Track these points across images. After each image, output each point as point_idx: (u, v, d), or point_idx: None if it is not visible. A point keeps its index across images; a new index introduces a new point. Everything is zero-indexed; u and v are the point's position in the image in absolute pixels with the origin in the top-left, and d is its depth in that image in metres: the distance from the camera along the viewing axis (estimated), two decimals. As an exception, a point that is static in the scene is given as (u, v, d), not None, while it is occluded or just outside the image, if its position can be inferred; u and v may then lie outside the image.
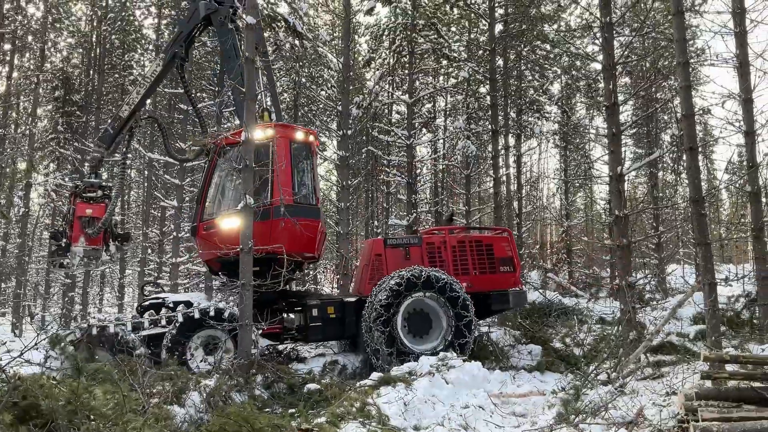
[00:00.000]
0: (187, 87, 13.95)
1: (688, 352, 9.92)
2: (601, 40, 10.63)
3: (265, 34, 20.27)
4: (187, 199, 20.99)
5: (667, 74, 20.17)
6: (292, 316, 11.29)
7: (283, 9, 20.49)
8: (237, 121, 13.06)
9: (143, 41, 27.51)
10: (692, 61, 15.30)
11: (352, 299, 11.45)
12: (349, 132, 17.81)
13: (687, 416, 5.01)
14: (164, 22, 24.20)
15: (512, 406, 8.30)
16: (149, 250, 26.30)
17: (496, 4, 20.75)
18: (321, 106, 27.49)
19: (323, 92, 27.97)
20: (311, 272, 29.58)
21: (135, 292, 32.73)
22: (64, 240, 11.46)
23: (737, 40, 11.53)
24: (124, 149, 13.05)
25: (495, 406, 7.98)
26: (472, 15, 22.62)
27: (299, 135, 11.92)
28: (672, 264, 27.29)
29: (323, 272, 35.38)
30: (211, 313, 10.09)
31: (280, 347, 12.31)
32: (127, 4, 25.69)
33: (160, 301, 10.96)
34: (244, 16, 10.10)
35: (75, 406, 4.87)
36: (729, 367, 5.42)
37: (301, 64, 25.02)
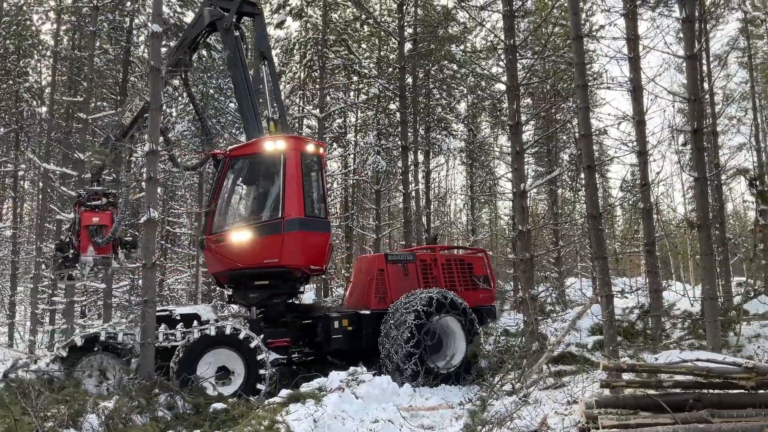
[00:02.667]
0: (191, 94, 13.71)
1: (587, 362, 10.32)
2: (505, 61, 10.95)
3: (171, 43, 19.81)
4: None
5: (566, 96, 21.09)
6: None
7: (190, 18, 20.08)
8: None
9: (40, 47, 26.16)
10: (590, 83, 16.08)
11: (367, 312, 11.45)
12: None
13: (588, 424, 5.22)
14: (63, 27, 23.13)
15: (421, 419, 8.38)
16: (43, 266, 24.89)
17: (406, 24, 21.18)
18: (230, 118, 26.98)
19: (232, 104, 27.51)
20: (217, 288, 28.87)
21: (27, 310, 30.82)
22: (72, 251, 10.95)
23: (631, 65, 12.13)
24: (128, 157, 12.52)
25: (404, 420, 8.02)
26: (382, 33, 22.97)
27: (310, 147, 11.80)
28: (571, 277, 28.37)
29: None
30: (223, 333, 9.67)
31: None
32: (24, 8, 24.39)
33: (167, 313, 10.63)
34: (150, 25, 9.83)
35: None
36: (626, 376, 5.68)
37: (209, 75, 24.53)
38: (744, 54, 24.39)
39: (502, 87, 21.31)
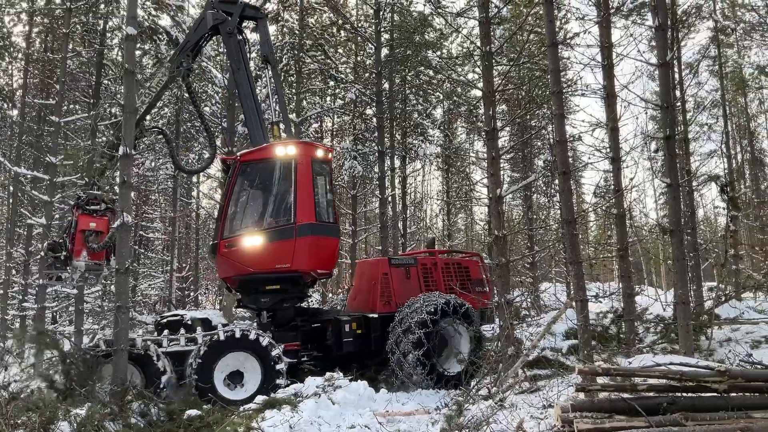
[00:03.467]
0: (193, 97, 13.64)
1: (562, 366, 10.40)
2: (481, 68, 11.02)
3: (146, 46, 19.65)
4: (57, 216, 19.73)
5: (541, 103, 21.28)
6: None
7: (165, 22, 19.95)
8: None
9: (12, 49, 25.72)
10: (565, 90, 16.25)
11: (375, 315, 11.63)
12: (235, 149, 17.49)
13: (563, 428, 5.25)
14: (36, 29, 22.76)
15: (398, 424, 8.36)
16: (14, 271, 24.44)
17: (382, 29, 21.22)
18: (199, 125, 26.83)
19: (207, 108, 27.30)
20: (191, 293, 28.62)
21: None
22: (64, 253, 10.77)
23: (605, 72, 12.26)
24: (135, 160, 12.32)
25: (381, 425, 8.01)
26: (359, 38, 22.98)
27: (320, 153, 11.90)
28: (545, 282, 28.60)
29: (205, 294, 34.31)
30: (238, 336, 9.97)
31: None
32: (-6, 9, 24.00)
33: (178, 318, 10.88)
34: (124, 27, 9.74)
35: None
36: (600, 380, 5.73)
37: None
38: (715, 63, 24.84)
39: (478, 93, 21.47)
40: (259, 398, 8.86)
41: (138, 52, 19.31)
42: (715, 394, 5.37)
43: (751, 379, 5.51)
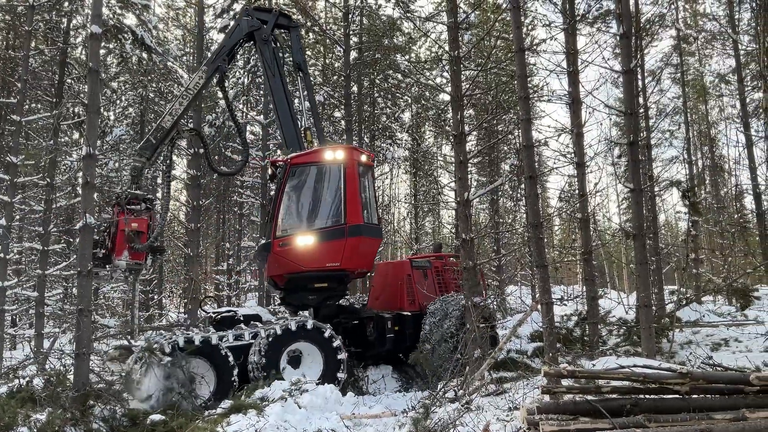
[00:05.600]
0: (228, 100, 14.03)
1: (528, 368, 10.49)
2: (449, 72, 11.10)
3: (110, 45, 19.33)
4: (17, 218, 19.28)
5: (508, 108, 21.50)
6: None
7: (131, 21, 19.63)
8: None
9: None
10: (531, 96, 16.43)
11: (408, 314, 12.36)
12: (201, 151, 17.31)
13: (529, 430, 5.29)
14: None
15: (364, 428, 8.35)
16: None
17: (351, 32, 21.21)
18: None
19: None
20: (155, 296, 28.23)
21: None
22: (102, 251, 10.82)
23: (570, 78, 12.45)
24: (168, 161, 12.71)
25: (347, 429, 7.99)
26: (328, 41, 22.94)
27: (363, 157, 12.48)
28: (511, 285, 28.85)
29: (169, 296, 33.85)
30: (303, 328, 10.42)
31: None
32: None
33: (231, 314, 11.38)
34: (88, 26, 9.57)
35: None
36: (565, 382, 5.79)
37: (149, 78, 24.01)
38: (677, 70, 25.38)
39: (447, 97, 21.60)
40: (226, 402, 8.77)
41: (102, 51, 18.99)
42: (677, 395, 5.46)
43: (712, 381, 5.61)
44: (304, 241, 11.55)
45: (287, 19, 13.61)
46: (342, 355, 10.56)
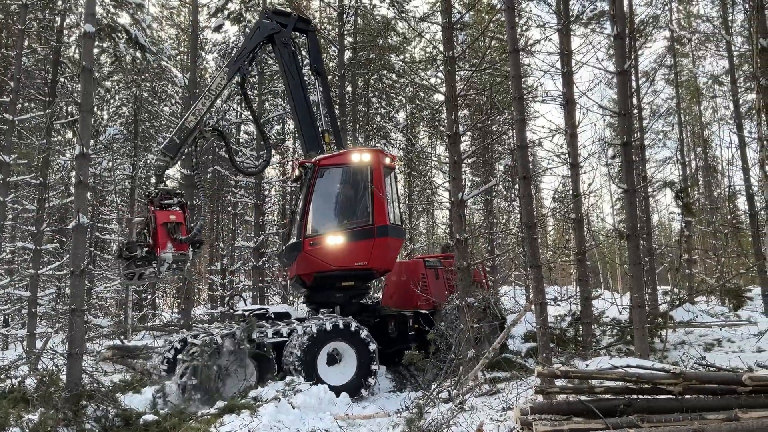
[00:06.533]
0: (249, 101, 14.42)
1: (522, 368, 10.51)
2: (444, 72, 11.09)
3: (104, 44, 19.27)
4: (10, 217, 19.19)
5: (502, 108, 21.51)
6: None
7: (125, 20, 19.60)
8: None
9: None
10: (525, 97, 16.46)
11: (425, 312, 12.53)
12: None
13: (523, 430, 5.30)
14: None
15: (358, 428, 8.34)
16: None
17: (346, 32, 21.20)
18: (164, 122, 26.41)
19: (167, 108, 26.91)
20: (149, 296, 28.13)
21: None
22: (145, 249, 10.93)
23: (564, 79, 12.46)
24: (194, 159, 12.71)
25: (341, 429, 7.98)
26: (322, 41, 22.88)
27: (387, 160, 12.70)
28: (505, 285, 28.89)
29: (163, 297, 33.75)
30: (341, 327, 10.51)
31: None
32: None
33: (263, 311, 11.71)
34: (82, 24, 9.52)
35: None
36: (559, 382, 5.79)
37: (143, 77, 23.95)
38: (670, 71, 25.46)
39: (441, 97, 21.60)
40: (219, 403, 8.73)
41: (96, 50, 18.91)
42: (670, 396, 5.48)
43: (704, 381, 5.63)
44: (334, 240, 11.78)
45: (305, 24, 13.95)
46: (375, 360, 10.68)
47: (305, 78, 14.06)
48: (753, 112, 20.98)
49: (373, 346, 10.70)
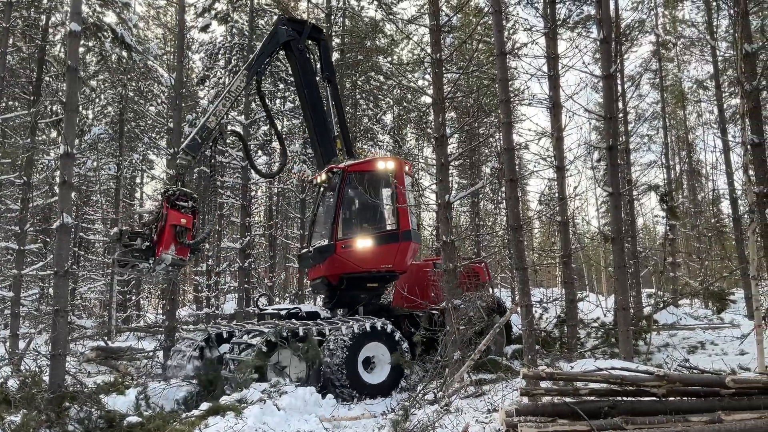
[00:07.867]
0: (267, 107, 14.56)
1: (507, 370, 10.54)
2: (431, 75, 11.11)
3: (90, 43, 19.12)
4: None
5: (489, 111, 21.58)
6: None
7: (111, 19, 19.44)
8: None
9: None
10: (512, 100, 16.51)
11: (437, 312, 12.55)
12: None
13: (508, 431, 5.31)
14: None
15: (344, 430, 8.34)
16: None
17: (334, 33, 21.18)
18: (150, 122, 26.25)
19: (152, 107, 26.75)
20: (133, 297, 27.95)
21: None
22: (146, 243, 10.80)
23: (551, 83, 12.52)
24: (212, 161, 12.97)
25: (326, 430, 7.96)
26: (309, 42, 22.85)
27: (407, 168, 13.34)
28: (491, 288, 28.88)
29: (147, 298, 33.55)
30: (378, 328, 10.83)
31: None
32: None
33: (296, 311, 12.10)
34: (67, 23, 9.45)
35: None
36: (544, 384, 5.82)
37: (128, 77, 23.79)
38: (656, 76, 25.66)
39: (428, 100, 21.62)
40: (204, 404, 8.68)
41: (81, 49, 18.79)
42: (654, 398, 5.51)
43: (688, 383, 5.68)
44: (364, 243, 12.33)
45: (318, 32, 14.20)
46: (407, 356, 11.01)
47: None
48: (737, 117, 21.18)
49: (405, 347, 11.05)
